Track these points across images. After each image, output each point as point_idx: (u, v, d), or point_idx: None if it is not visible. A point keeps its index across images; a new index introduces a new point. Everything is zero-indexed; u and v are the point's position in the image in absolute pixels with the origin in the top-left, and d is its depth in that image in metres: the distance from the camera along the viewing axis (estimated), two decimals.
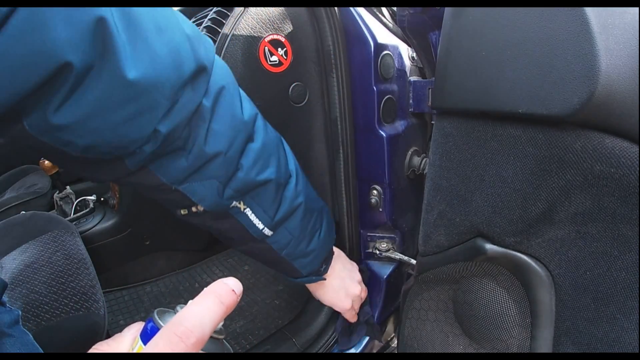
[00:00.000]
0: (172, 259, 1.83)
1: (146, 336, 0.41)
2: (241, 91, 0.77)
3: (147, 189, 0.73)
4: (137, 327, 0.45)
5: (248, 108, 0.77)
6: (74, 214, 1.80)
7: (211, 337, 0.41)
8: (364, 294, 1.15)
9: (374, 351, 1.30)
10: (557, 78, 0.53)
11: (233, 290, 0.43)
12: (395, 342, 1.35)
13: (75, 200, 1.87)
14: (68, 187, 1.90)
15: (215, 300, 0.41)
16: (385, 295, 1.20)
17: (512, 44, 0.57)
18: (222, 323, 0.43)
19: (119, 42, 0.51)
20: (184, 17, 0.65)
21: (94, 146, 0.56)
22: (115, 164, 0.63)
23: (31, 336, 0.73)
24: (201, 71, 0.64)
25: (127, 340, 0.45)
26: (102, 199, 1.82)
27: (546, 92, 0.54)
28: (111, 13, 0.50)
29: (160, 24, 0.57)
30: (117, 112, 0.55)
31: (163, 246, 1.79)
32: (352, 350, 1.20)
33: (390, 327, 1.33)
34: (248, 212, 0.82)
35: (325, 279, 1.05)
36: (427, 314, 0.86)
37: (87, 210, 1.77)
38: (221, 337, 0.44)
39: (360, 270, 1.16)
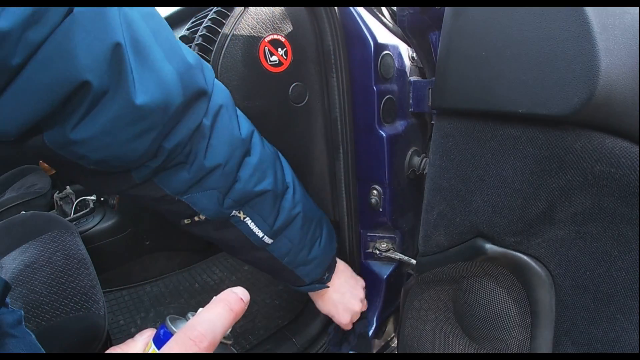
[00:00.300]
0: (172, 259, 1.84)
1: (159, 341, 0.44)
2: (238, 110, 0.82)
3: (152, 201, 0.77)
4: (149, 333, 0.48)
5: (245, 126, 0.82)
6: (74, 213, 1.81)
7: (220, 342, 0.44)
8: (364, 307, 1.15)
9: (374, 351, 1.30)
10: (557, 78, 0.53)
11: (241, 298, 0.46)
12: (395, 342, 1.35)
13: (75, 200, 1.87)
14: (68, 187, 1.91)
15: (225, 308, 0.45)
16: (385, 295, 1.20)
17: (512, 44, 0.57)
18: (230, 329, 0.46)
19: (129, 70, 0.57)
20: (187, 47, 0.70)
21: (105, 160, 0.62)
22: (122, 177, 0.70)
23: (34, 337, 0.74)
24: (201, 95, 0.70)
25: (139, 345, 0.47)
26: (102, 198, 1.83)
27: (546, 92, 0.54)
28: (124, 40, 0.55)
29: (166, 54, 0.63)
30: (127, 130, 0.60)
31: (163, 246, 1.80)
32: (352, 351, 1.20)
33: (390, 327, 1.33)
34: (248, 221, 0.86)
35: (328, 287, 1.07)
36: (427, 314, 0.87)
37: (87, 210, 1.78)
38: (229, 342, 0.47)
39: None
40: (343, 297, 1.10)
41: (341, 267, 1.11)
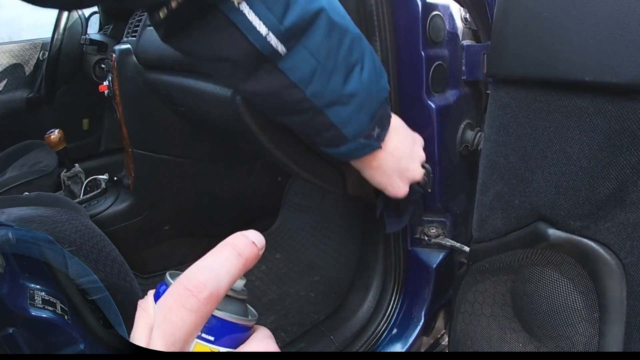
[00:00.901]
0: (194, 247, 1.83)
1: (158, 297, 0.40)
2: None
3: None
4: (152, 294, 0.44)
5: None
6: (83, 195, 1.82)
7: (230, 296, 0.41)
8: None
9: (422, 349, 1.30)
10: (629, 42, 0.53)
11: (253, 242, 0.41)
12: (446, 339, 1.36)
13: (85, 179, 1.88)
14: (77, 165, 1.92)
15: (232, 252, 0.40)
16: (434, 286, 1.21)
17: (578, 4, 0.57)
18: (243, 282, 0.43)
19: None
20: None
21: None
22: None
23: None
24: None
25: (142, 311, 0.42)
26: (115, 178, 1.85)
27: (617, 58, 0.54)
28: None
29: None
30: None
31: (184, 232, 1.81)
32: (399, 349, 1.21)
33: (440, 322, 1.34)
34: (245, 8, 0.67)
35: (380, 147, 0.87)
36: (482, 307, 0.88)
37: (99, 191, 1.80)
38: (243, 297, 0.43)
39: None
40: (399, 163, 0.92)
41: (395, 122, 0.91)
